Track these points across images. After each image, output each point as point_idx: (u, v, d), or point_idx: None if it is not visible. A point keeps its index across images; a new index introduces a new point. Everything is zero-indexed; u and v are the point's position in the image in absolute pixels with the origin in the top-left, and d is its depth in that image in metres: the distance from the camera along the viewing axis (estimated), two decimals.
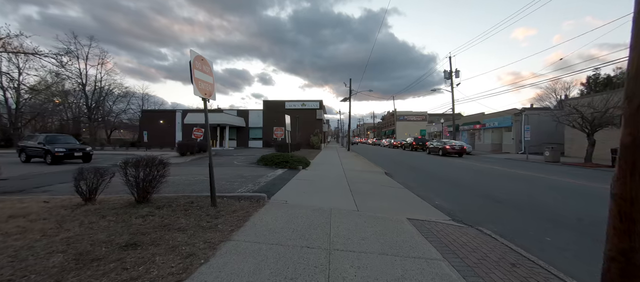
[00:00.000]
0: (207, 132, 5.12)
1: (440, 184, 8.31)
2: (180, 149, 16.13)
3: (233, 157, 17.35)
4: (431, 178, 9.59)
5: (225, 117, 27.29)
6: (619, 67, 47.29)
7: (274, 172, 9.55)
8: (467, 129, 31.79)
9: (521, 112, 23.49)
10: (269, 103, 31.89)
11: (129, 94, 47.59)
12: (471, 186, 7.97)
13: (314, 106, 31.16)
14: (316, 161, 14.18)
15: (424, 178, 9.59)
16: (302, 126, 30.79)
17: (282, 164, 10.81)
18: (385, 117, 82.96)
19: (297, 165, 10.65)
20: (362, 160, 16.01)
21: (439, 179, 9.30)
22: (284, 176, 8.53)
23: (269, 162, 11.29)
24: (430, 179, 9.42)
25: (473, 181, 8.89)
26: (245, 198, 4.92)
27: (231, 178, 7.99)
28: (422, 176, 10.26)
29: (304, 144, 30.28)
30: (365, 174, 9.87)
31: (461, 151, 20.47)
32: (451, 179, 9.44)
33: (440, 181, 9.04)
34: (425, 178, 9.60)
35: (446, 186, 8.06)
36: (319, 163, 13.18)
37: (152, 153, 19.99)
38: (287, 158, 11.16)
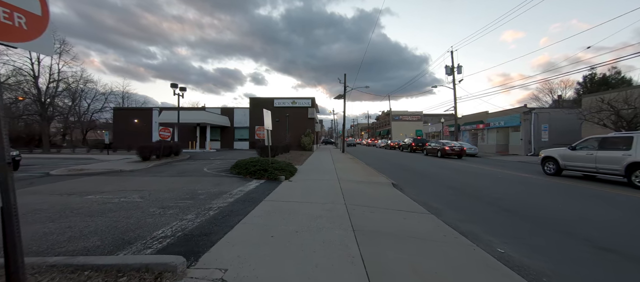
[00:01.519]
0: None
1: (481, 207, 5.93)
2: (143, 153, 13.39)
3: (208, 161, 14.68)
4: (457, 192, 7.24)
5: (207, 116, 24.51)
6: (614, 67, 46.75)
7: (244, 186, 7.01)
8: (468, 128, 29.88)
9: (531, 111, 21.58)
10: (256, 100, 29.20)
11: (106, 91, 44.32)
12: (527, 204, 5.66)
13: (306, 104, 28.69)
14: (305, 167, 11.69)
15: (448, 192, 7.23)
16: (293, 126, 28.28)
17: (259, 173, 8.29)
18: (380, 117, 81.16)
19: (279, 174, 8.14)
20: (360, 165, 13.62)
21: (471, 196, 6.94)
22: (254, 194, 6.02)
23: (242, 170, 8.75)
24: (458, 194, 7.06)
25: (523, 198, 6.58)
26: (132, 270, 2.35)
27: (174, 198, 5.43)
28: (441, 188, 7.91)
29: (294, 145, 27.77)
30: (368, 187, 7.45)
31: (460, 152, 18.39)
32: (489, 195, 7.10)
33: (474, 198, 6.67)
34: (449, 192, 7.24)
35: (492, 209, 5.70)
36: (307, 170, 10.70)
37: (107, 158, 17.01)
38: (265, 165, 8.64)
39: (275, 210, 4.60)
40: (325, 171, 10.60)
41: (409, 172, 11.32)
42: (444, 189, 7.58)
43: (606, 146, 8.55)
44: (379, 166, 13.84)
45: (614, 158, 8.11)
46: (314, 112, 29.20)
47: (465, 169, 12.64)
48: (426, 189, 7.62)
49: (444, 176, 10.16)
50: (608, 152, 8.36)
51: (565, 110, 20.26)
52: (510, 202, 6.06)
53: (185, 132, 27.22)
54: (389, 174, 10.30)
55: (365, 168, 12.01)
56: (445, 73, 26.63)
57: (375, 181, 8.50)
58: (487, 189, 7.61)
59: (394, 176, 9.87)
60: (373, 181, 8.47)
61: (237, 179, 8.25)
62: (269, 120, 9.11)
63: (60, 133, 41.92)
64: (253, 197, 5.62)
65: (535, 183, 8.78)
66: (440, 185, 8.30)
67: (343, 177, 8.81)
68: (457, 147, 18.29)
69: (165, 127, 14.40)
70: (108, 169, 10.85)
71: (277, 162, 9.36)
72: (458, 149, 18.22)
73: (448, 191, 7.38)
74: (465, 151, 18.55)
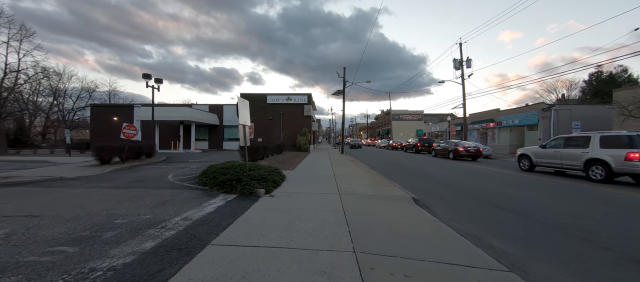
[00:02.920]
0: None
1: (587, 254, 3.71)
2: (100, 155, 11.02)
3: (183, 165, 12.35)
4: (519, 217, 5.01)
5: (191, 113, 22.10)
6: (621, 65, 45.07)
7: (199, 207, 4.73)
8: (477, 128, 27.78)
9: (550, 107, 19.49)
10: (248, 97, 26.80)
11: (90, 88, 41.76)
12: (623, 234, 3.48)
13: (302, 101, 26.39)
14: (296, 173, 9.41)
15: (504, 217, 5.02)
16: (287, 124, 25.98)
17: (230, 185, 6.01)
18: (379, 117, 79.09)
19: (256, 186, 5.86)
20: (363, 169, 11.36)
21: (547, 225, 4.72)
22: (204, 225, 3.75)
23: (210, 180, 6.45)
24: (524, 220, 4.84)
25: (613, 221, 4.37)
26: None
27: (61, 237, 3.14)
28: (487, 208, 5.69)
29: (289, 146, 25.47)
30: (382, 205, 5.20)
31: (476, 154, 16.23)
32: (574, 224, 4.88)
33: (556, 231, 4.45)
34: (507, 216, 5.03)
35: (598, 253, 3.48)
36: (299, 178, 8.42)
37: (66, 160, 14.43)
38: (240, 173, 6.35)
39: (217, 278, 2.31)
40: (321, 178, 8.33)
41: (427, 180, 9.08)
42: (493, 211, 5.33)
43: (570, 144, 9.55)
44: (386, 170, 11.60)
45: (575, 155, 9.18)
46: (311, 109, 26.92)
47: (492, 174, 10.44)
48: (464, 209, 5.38)
49: (475, 186, 7.93)
50: (571, 150, 9.39)
51: (588, 106, 18.22)
52: (611, 233, 3.83)
53: (169, 131, 24.82)
54: (402, 182, 8.05)
55: (371, 174, 9.76)
56: (454, 67, 24.49)
57: (389, 193, 6.24)
58: (560, 210, 5.38)
59: (410, 186, 7.63)
60: (385, 193, 6.21)
61: (198, 193, 5.96)
62: (246, 114, 6.82)
63: (39, 133, 39.33)
64: (197, 236, 3.34)
65: (613, 200, 6.58)
66: (479, 201, 6.06)
67: (345, 189, 6.55)
68: (472, 148, 16.11)
69: (130, 125, 12.07)
70: (47, 176, 8.50)
71: (259, 169, 7.08)
72: (473, 150, 16.05)
73: (502, 213, 5.14)
74: (481, 152, 16.40)
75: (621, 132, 8.68)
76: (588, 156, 8.79)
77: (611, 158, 8.20)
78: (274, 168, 8.12)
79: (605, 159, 8.31)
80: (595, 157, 8.60)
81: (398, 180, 8.77)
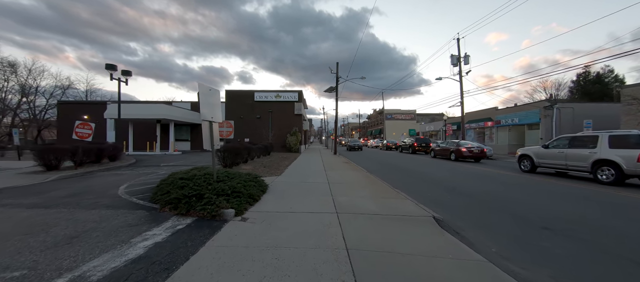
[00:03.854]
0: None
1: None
2: (44, 159, 9.08)
3: (150, 170, 10.52)
4: (577, 243, 3.64)
5: (169, 111, 20.06)
6: (607, 65, 45.70)
7: (129, 244, 3.05)
8: (474, 127, 26.89)
9: (552, 105, 18.64)
10: (233, 93, 24.94)
11: (64, 85, 38.77)
12: None
13: (292, 98, 24.73)
14: (283, 181, 7.81)
15: (553, 240, 3.63)
16: (277, 123, 24.29)
17: (187, 204, 4.38)
18: (371, 116, 78.29)
19: (223, 205, 4.25)
20: (361, 173, 9.89)
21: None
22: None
23: (162, 196, 4.76)
24: (582, 247, 3.46)
25: None
26: None
27: None
28: (543, 235, 4.30)
29: (278, 146, 23.80)
30: (397, 231, 3.71)
31: (480, 155, 15.10)
32: None
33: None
34: (559, 241, 3.64)
35: None
36: (285, 188, 6.85)
37: (8, 165, 12.01)
38: (201, 186, 4.71)
39: None
40: (313, 187, 6.77)
41: (436, 186, 7.68)
42: (544, 236, 3.93)
43: (575, 144, 8.97)
44: (385, 173, 10.16)
45: (582, 156, 8.58)
46: (302, 107, 25.30)
47: (504, 178, 9.16)
48: (506, 234, 3.96)
49: (495, 194, 6.57)
50: (577, 150, 8.80)
51: (592, 104, 17.47)
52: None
53: (145, 131, 22.67)
54: (409, 190, 6.60)
55: (370, 179, 8.28)
56: (451, 63, 23.45)
57: (401, 209, 4.76)
58: (623, 231, 4.03)
59: (420, 195, 6.19)
60: (396, 210, 4.72)
61: (140, 216, 4.30)
62: (213, 106, 5.19)
63: (6, 133, 36.09)
64: None
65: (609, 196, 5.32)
66: (517, 220, 4.66)
67: (344, 204, 5.02)
68: (476, 149, 14.95)
69: (84, 123, 10.19)
70: None
71: (233, 178, 5.46)
72: (477, 150, 14.90)
73: (561, 241, 3.73)
74: (485, 152, 15.26)
75: (632, 132, 8.11)
76: (596, 156, 8.18)
77: (622, 159, 7.62)
78: (253, 176, 6.50)
79: (616, 160, 7.72)
80: (604, 158, 8.01)
81: (403, 187, 7.33)
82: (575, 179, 9.16)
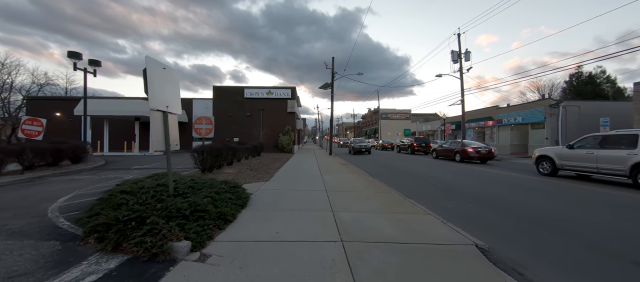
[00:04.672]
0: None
1: None
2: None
3: (110, 177, 8.98)
4: None
5: (146, 107, 18.31)
6: (599, 66, 45.95)
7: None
8: (473, 126, 26.01)
9: (558, 103, 17.79)
10: (221, 90, 23.32)
11: (41, 81, 36.35)
12: None
13: (285, 95, 23.28)
14: (270, 189, 6.42)
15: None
16: (268, 122, 22.83)
17: (119, 233, 2.92)
18: (366, 116, 77.42)
19: (171, 236, 2.82)
20: (362, 177, 8.59)
21: None
22: None
23: (87, 222, 3.29)
24: None
25: None
26: None
27: None
28: (611, 261, 3.04)
29: (270, 146, 22.34)
30: (435, 277, 2.37)
31: (488, 156, 14.04)
32: None
33: None
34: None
35: None
36: (272, 201, 5.46)
37: None
38: (146, 206, 3.28)
39: None
40: (307, 198, 5.40)
41: (461, 196, 6.42)
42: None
43: (608, 144, 8.03)
44: (388, 177, 8.88)
45: (618, 157, 7.59)
46: (295, 105, 23.88)
47: (523, 182, 8.01)
48: (592, 276, 2.69)
49: (531, 206, 5.35)
50: (610, 151, 7.83)
51: (598, 102, 16.71)
52: None
53: (123, 129, 20.86)
54: (424, 200, 5.31)
55: (374, 185, 6.97)
56: (451, 60, 22.46)
57: (428, 234, 3.45)
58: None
59: (438, 206, 4.91)
60: (422, 235, 3.40)
61: (53, 249, 2.87)
62: (167, 90, 3.78)
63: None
64: None
65: None
66: (610, 256, 3.41)
67: (348, 223, 3.68)
68: (483, 149, 13.86)
69: (33, 119, 8.61)
70: None
71: (201, 189, 4.07)
72: (485, 151, 13.81)
73: None
74: (493, 153, 14.19)
75: None
76: (637, 158, 7.16)
77: None
78: (232, 184, 5.11)
79: None
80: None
81: (415, 195, 6.05)
82: (608, 184, 8.07)
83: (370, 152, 22.25)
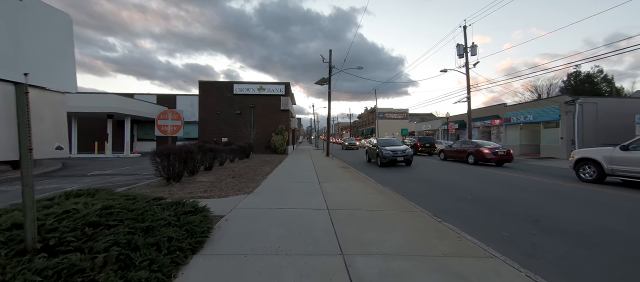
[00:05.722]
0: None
1: None
2: None
3: (10, 191, 7.06)
4: None
5: (121, 103, 16.25)
6: (597, 65, 45.56)
7: None
8: (479, 125, 24.64)
9: (574, 100, 16.44)
10: (208, 85, 21.37)
11: None
12: None
13: (278, 91, 21.49)
14: (253, 203, 4.63)
15: None
16: (260, 120, 21.01)
17: None
18: (363, 116, 76.05)
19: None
20: (369, 185, 6.89)
21: None
22: None
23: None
24: None
25: None
26: None
27: None
28: None
29: (262, 146, 20.54)
30: None
31: (506, 158, 12.53)
32: None
33: None
34: None
35: None
36: (250, 225, 3.68)
37: None
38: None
39: None
40: (301, 226, 3.64)
41: (518, 219, 4.76)
42: None
43: None
44: (403, 186, 7.20)
45: None
46: (289, 102, 22.11)
47: (596, 197, 6.43)
48: None
49: (614, 231, 3.72)
50: None
51: (616, 99, 15.46)
52: None
53: (96, 128, 18.78)
54: (477, 227, 3.63)
55: (390, 199, 5.28)
56: (457, 54, 21.01)
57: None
58: None
59: (515, 243, 3.21)
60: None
61: None
62: (15, 32, 1.95)
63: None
64: None
65: None
66: None
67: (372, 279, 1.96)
68: (501, 150, 12.32)
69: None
70: None
71: (116, 222, 2.29)
72: (503, 152, 12.27)
73: None
74: (512, 154, 12.65)
75: None
76: None
77: None
78: (187, 209, 3.34)
79: None
80: None
81: (444, 210, 4.38)
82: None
83: (411, 162, 12.47)
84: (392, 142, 13.61)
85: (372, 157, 13.98)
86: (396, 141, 14.04)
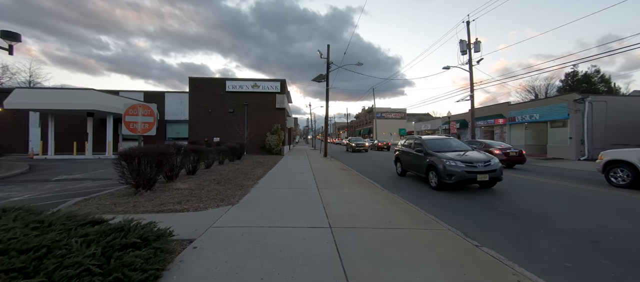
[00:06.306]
0: None
1: None
2: None
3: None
4: None
5: (102, 100, 15.01)
6: (594, 65, 45.44)
7: None
8: (481, 125, 23.89)
9: (584, 98, 15.71)
10: (199, 82, 20.19)
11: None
12: None
13: (273, 89, 20.42)
14: (235, 217, 3.62)
15: None
16: (254, 119, 19.94)
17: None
18: (360, 115, 75.27)
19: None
20: (377, 194, 5.94)
21: None
22: None
23: None
24: None
25: None
26: None
27: None
28: None
29: (257, 147, 19.49)
30: None
31: (518, 159, 11.68)
32: None
33: None
34: None
35: None
36: (223, 261, 2.67)
37: None
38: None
39: None
40: (295, 255, 2.64)
41: (572, 243, 3.84)
42: None
43: None
44: (413, 192, 6.26)
45: None
46: (285, 100, 21.06)
47: (604, 200, 5.56)
48: None
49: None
50: None
51: (626, 97, 14.74)
52: None
53: (76, 127, 17.54)
54: (523, 253, 2.68)
55: (404, 209, 4.33)
56: (460, 51, 20.21)
57: None
58: None
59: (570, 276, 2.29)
60: None
61: None
62: None
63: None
64: None
65: None
66: None
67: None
68: (513, 151, 11.47)
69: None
70: None
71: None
72: (515, 153, 11.41)
73: None
74: (524, 155, 11.80)
75: None
76: None
77: None
78: (134, 239, 2.31)
79: None
80: None
81: (472, 226, 3.44)
82: None
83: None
84: (452, 144, 7.85)
85: (409, 167, 8.66)
86: (458, 143, 8.17)
